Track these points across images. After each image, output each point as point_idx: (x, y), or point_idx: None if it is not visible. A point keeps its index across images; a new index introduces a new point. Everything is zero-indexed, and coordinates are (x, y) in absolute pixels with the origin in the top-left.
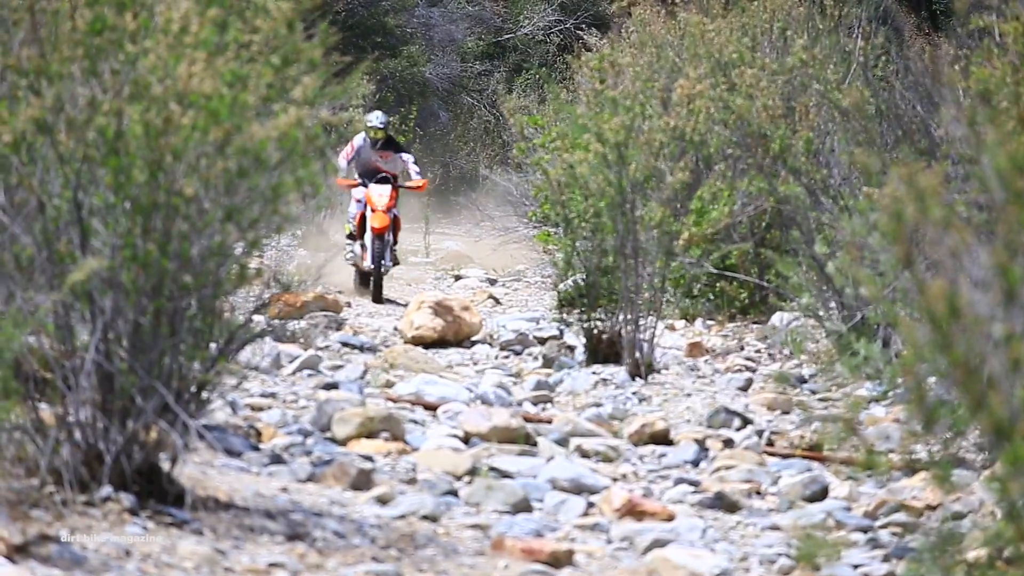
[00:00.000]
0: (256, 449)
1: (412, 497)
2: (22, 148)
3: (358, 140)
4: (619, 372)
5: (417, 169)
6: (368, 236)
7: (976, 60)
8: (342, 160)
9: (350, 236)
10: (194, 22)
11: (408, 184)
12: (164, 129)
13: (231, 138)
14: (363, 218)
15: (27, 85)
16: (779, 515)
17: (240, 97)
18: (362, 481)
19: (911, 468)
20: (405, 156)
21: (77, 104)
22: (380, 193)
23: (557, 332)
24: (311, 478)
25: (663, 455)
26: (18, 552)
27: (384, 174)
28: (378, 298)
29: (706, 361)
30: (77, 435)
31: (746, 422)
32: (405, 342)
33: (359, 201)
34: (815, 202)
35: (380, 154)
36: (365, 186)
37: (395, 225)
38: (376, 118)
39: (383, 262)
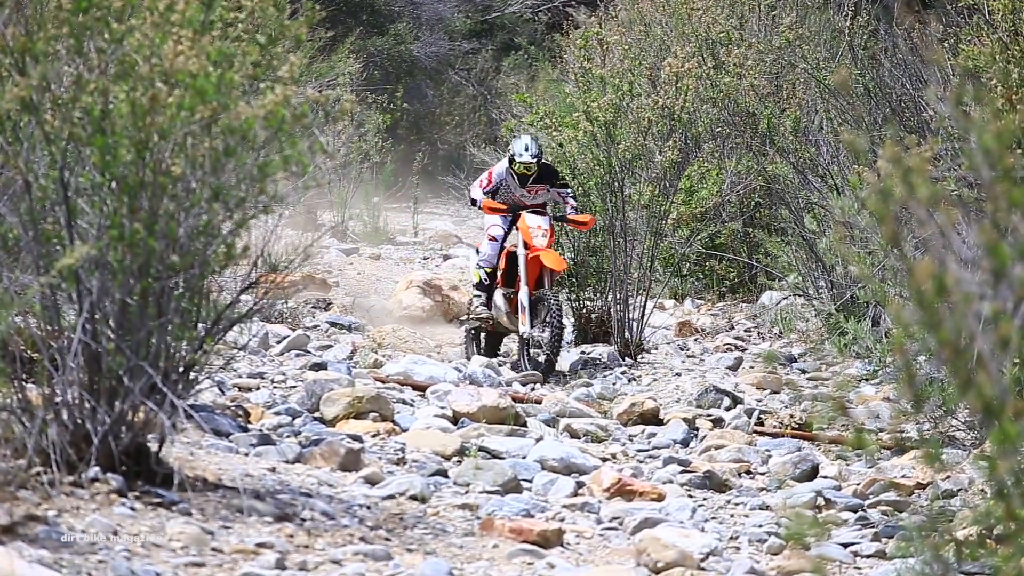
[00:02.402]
0: (244, 429)
1: (401, 477)
2: (7, 127)
3: (499, 171)
4: (608, 351)
5: (575, 204)
6: (523, 293)
7: (965, 37)
8: (477, 190)
9: (480, 286)
10: (180, 0)
11: (572, 217)
12: (150, 108)
13: (218, 117)
14: (510, 263)
15: (12, 64)
16: (769, 494)
17: (226, 76)
18: (351, 461)
19: (901, 447)
20: (564, 190)
21: (63, 83)
22: (538, 224)
23: None
24: (299, 458)
25: (652, 435)
26: (5, 533)
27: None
28: (549, 371)
29: (696, 340)
30: (64, 416)
31: (736, 401)
32: (393, 322)
33: (495, 240)
34: (803, 181)
35: (529, 189)
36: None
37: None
38: (527, 150)
39: (559, 322)
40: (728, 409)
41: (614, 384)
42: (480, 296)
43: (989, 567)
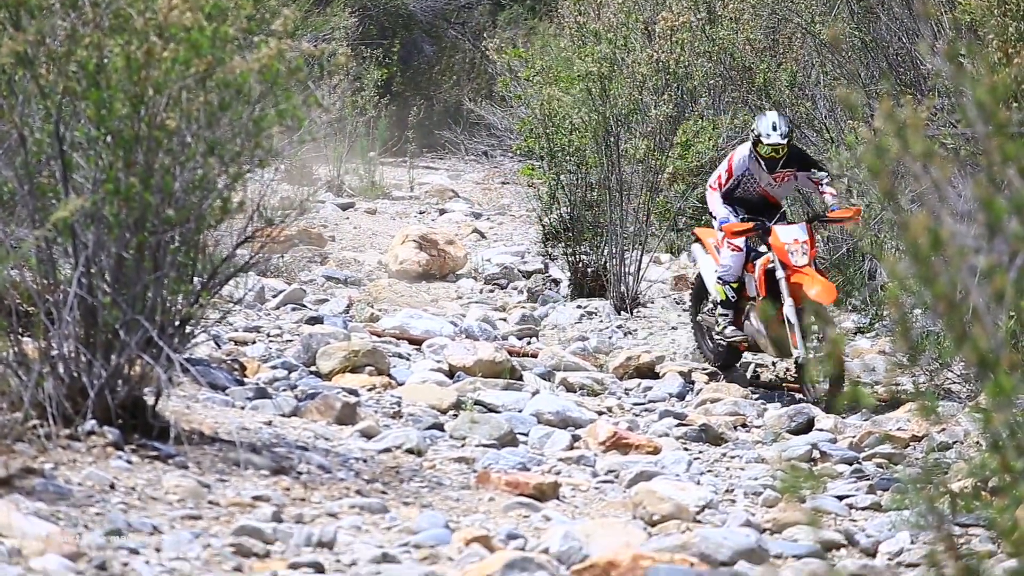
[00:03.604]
0: (240, 383)
1: (397, 431)
2: (2, 81)
3: (740, 159)
4: (604, 305)
5: (835, 192)
6: (788, 307)
7: None
8: (717, 201)
9: (726, 303)
10: None
11: (833, 214)
12: (145, 62)
13: (212, 71)
14: (768, 279)
15: (7, 18)
16: (764, 447)
17: (221, 29)
18: (347, 415)
19: (896, 400)
20: (818, 174)
21: (58, 37)
22: (795, 238)
23: (542, 266)
24: (295, 412)
25: (648, 388)
26: (2, 486)
27: (774, 204)
28: (832, 405)
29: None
30: (61, 369)
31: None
32: (389, 276)
33: (738, 249)
34: (800, 135)
35: (776, 176)
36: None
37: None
38: (775, 129)
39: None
40: None
41: (610, 338)
42: (727, 314)
43: (984, 519)
